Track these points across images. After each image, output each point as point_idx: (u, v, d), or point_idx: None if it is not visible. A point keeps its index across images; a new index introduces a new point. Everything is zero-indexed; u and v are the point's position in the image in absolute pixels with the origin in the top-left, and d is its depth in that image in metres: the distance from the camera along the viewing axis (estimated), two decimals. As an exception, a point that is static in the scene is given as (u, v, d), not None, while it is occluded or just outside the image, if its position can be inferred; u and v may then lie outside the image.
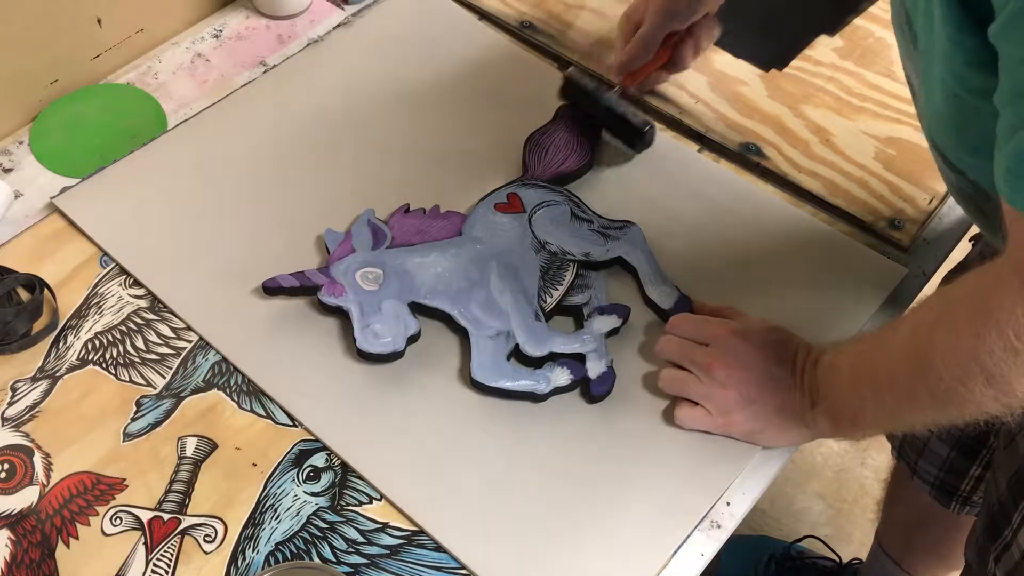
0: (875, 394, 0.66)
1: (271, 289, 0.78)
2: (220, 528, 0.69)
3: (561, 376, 0.74)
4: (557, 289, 0.79)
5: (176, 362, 0.77)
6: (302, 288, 0.78)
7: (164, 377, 0.76)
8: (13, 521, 0.69)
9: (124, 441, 0.73)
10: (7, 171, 0.89)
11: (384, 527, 0.69)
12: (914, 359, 0.61)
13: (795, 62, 0.98)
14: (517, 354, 0.76)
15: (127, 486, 0.71)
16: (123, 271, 0.82)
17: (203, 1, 1.01)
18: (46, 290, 0.80)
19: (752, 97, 0.95)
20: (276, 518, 0.69)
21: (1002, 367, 0.54)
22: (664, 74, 0.92)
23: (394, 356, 0.75)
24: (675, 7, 0.85)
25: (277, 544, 0.68)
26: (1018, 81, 0.50)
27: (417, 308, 0.78)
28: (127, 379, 0.76)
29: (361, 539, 0.69)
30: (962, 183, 0.68)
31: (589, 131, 0.90)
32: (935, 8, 0.56)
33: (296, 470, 0.71)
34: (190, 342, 0.78)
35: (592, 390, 0.74)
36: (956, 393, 0.58)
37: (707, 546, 0.69)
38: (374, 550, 0.68)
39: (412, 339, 0.76)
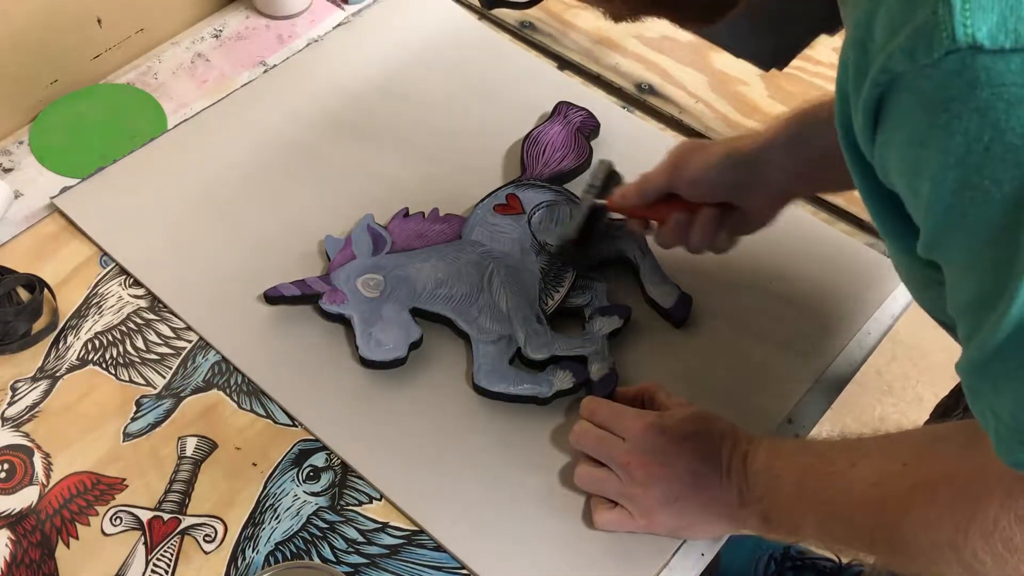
0: (824, 520, 0.61)
1: (272, 298, 0.78)
2: (220, 528, 0.69)
3: (564, 379, 0.74)
4: (558, 291, 0.79)
5: (176, 362, 0.77)
6: (303, 297, 0.78)
7: (164, 377, 0.76)
8: (13, 521, 0.69)
9: (124, 441, 0.73)
10: (7, 171, 0.89)
11: (384, 527, 0.69)
12: (880, 513, 0.56)
13: (795, 62, 0.98)
14: (519, 357, 0.76)
15: (127, 486, 0.71)
16: (123, 271, 0.82)
17: (203, 1, 1.01)
18: (46, 290, 0.80)
19: (752, 97, 0.95)
20: (276, 518, 0.69)
21: (987, 569, 0.50)
22: (638, 227, 0.79)
23: (397, 363, 0.75)
24: (680, 164, 0.74)
25: (277, 544, 0.68)
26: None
27: (419, 313, 0.78)
28: (127, 379, 0.76)
29: (361, 539, 0.69)
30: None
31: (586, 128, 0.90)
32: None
33: (296, 470, 0.71)
34: (190, 342, 0.78)
35: (595, 392, 0.74)
36: (925, 562, 0.54)
37: (707, 546, 0.69)
38: (374, 550, 0.68)
39: (414, 345, 0.76)
